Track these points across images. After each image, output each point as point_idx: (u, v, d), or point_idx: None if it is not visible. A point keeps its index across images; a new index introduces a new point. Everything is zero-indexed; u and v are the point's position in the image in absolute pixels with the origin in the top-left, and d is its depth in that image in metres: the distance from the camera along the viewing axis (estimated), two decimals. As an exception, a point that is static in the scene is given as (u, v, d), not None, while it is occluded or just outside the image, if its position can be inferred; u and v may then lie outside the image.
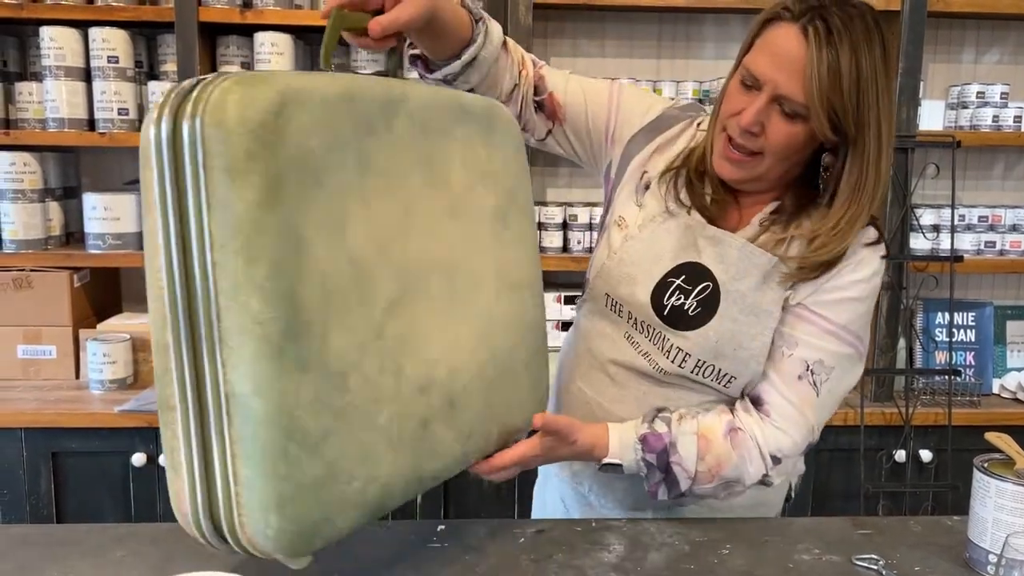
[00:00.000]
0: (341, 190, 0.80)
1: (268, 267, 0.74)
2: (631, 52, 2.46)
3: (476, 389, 0.96)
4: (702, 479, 1.11)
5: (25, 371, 2.35)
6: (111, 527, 1.07)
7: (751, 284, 1.11)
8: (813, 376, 1.11)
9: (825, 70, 0.99)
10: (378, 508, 0.86)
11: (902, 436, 2.21)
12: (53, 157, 2.42)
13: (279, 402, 0.75)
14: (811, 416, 1.13)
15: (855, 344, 1.13)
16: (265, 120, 0.73)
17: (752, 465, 1.11)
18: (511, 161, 1.04)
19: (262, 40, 2.28)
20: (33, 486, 2.12)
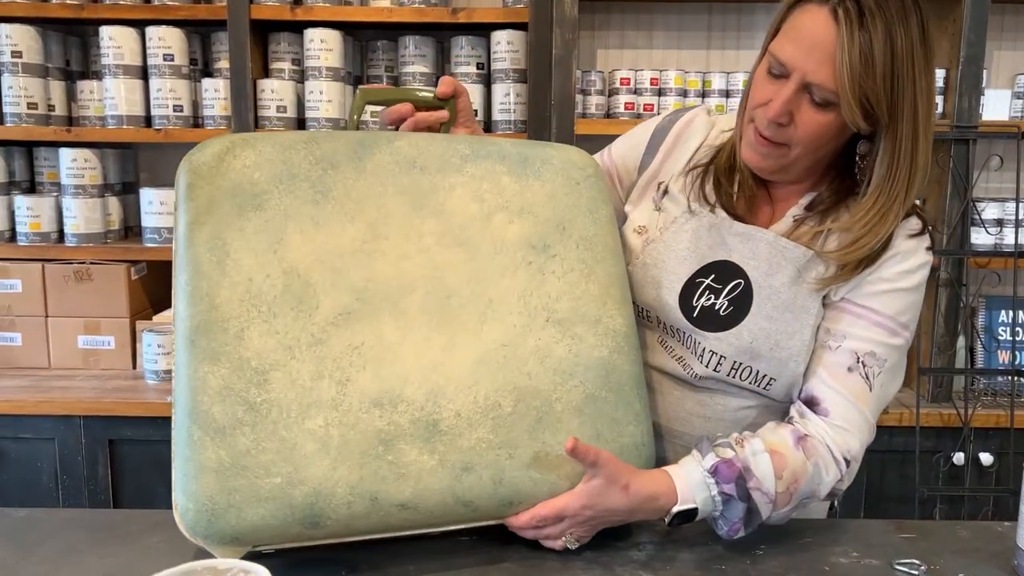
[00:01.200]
0: (285, 212, 0.94)
1: (191, 272, 0.91)
2: (680, 43, 2.43)
3: (480, 421, 0.94)
4: (781, 502, 1.01)
5: (86, 361, 2.42)
6: (151, 513, 1.10)
7: (785, 280, 1.08)
8: (865, 368, 1.06)
9: (857, 54, 0.94)
10: (311, 515, 0.87)
11: (961, 438, 2.14)
12: (112, 153, 2.50)
13: (187, 387, 0.87)
14: (868, 412, 1.07)
15: (904, 335, 1.08)
16: (206, 160, 0.94)
17: (828, 472, 1.04)
18: (561, 195, 1.05)
19: (311, 36, 2.31)
20: (91, 472, 2.19)
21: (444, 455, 0.92)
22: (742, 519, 0.99)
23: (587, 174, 1.08)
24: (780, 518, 1.04)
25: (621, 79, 2.26)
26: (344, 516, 0.89)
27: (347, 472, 0.89)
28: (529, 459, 0.96)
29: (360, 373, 0.92)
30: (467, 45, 2.36)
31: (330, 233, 0.95)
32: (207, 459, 0.86)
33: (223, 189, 0.93)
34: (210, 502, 0.85)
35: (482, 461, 0.94)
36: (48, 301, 2.40)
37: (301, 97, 2.37)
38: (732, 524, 1.00)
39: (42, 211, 2.40)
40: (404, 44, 2.39)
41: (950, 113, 2.17)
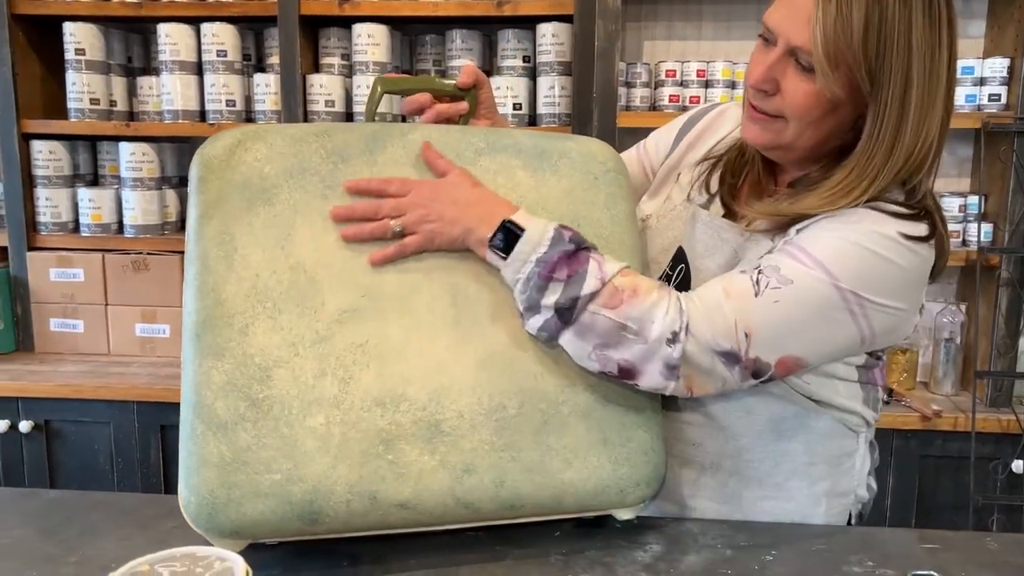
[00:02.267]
0: (294, 207, 0.94)
1: (199, 266, 0.91)
2: (728, 34, 2.37)
3: (483, 422, 0.94)
4: (609, 296, 0.92)
5: (143, 348, 2.51)
6: (170, 498, 1.13)
7: (720, 261, 1.04)
8: (758, 275, 0.94)
9: (833, 12, 0.89)
10: (310, 511, 0.88)
11: (1020, 445, 2.04)
12: (169, 147, 2.57)
13: (192, 382, 0.89)
14: (736, 311, 0.93)
15: (832, 276, 0.93)
16: (217, 153, 0.94)
17: (664, 317, 0.92)
18: (579, 190, 1.03)
19: (359, 31, 2.33)
20: (144, 456, 2.27)
21: (445, 456, 0.92)
22: (551, 269, 0.92)
23: (607, 168, 1.06)
24: (600, 325, 0.92)
25: (666, 71, 2.23)
26: (343, 514, 0.89)
27: (346, 470, 0.89)
28: (533, 462, 0.95)
29: (363, 372, 0.92)
30: (513, 38, 2.35)
31: (338, 229, 0.95)
32: (209, 453, 0.87)
33: (233, 183, 0.93)
34: (211, 496, 0.86)
35: (484, 463, 0.93)
36: (108, 290, 2.49)
37: (349, 91, 2.40)
38: (536, 271, 0.92)
39: (103, 203, 2.49)
40: (451, 38, 2.40)
41: (1014, 104, 2.07)
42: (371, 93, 1.06)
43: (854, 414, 1.09)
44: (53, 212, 2.50)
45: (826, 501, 1.11)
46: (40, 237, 2.50)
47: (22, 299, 2.50)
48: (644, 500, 1.00)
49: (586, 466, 0.96)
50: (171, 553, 0.68)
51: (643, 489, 0.99)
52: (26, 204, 2.47)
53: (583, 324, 0.93)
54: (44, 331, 2.51)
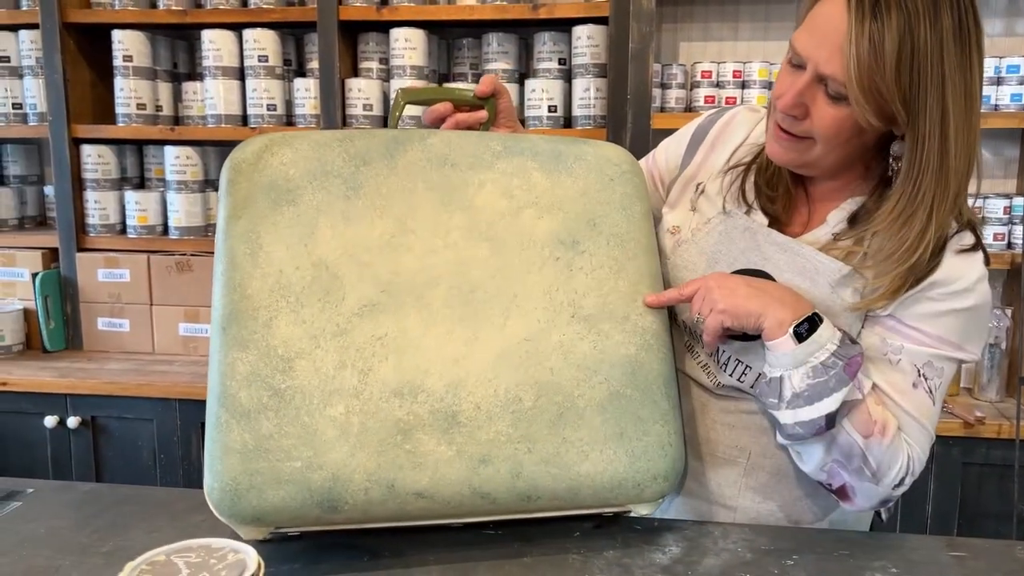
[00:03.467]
0: (316, 207, 0.98)
1: (226, 263, 0.95)
2: (766, 35, 2.34)
3: (499, 414, 0.95)
4: (861, 423, 0.97)
5: (185, 347, 2.57)
6: (201, 492, 1.16)
7: (818, 295, 1.03)
8: (927, 382, 1.02)
9: (866, 45, 0.88)
10: (329, 499, 0.89)
11: (1068, 454, 1.98)
12: (212, 151, 2.63)
13: (217, 372, 0.92)
14: (930, 426, 1.03)
15: (961, 355, 1.03)
16: (246, 157, 0.99)
17: (899, 468, 1.00)
18: (594, 191, 1.05)
19: (396, 36, 2.36)
20: (185, 452, 2.32)
21: (462, 446, 0.93)
22: (854, 364, 0.94)
23: (622, 170, 1.07)
24: (852, 446, 0.97)
25: (702, 72, 2.21)
26: (361, 502, 0.91)
27: (365, 459, 0.91)
28: (549, 454, 0.95)
29: (382, 363, 0.94)
30: (549, 41, 2.36)
31: (359, 227, 0.98)
32: (232, 441, 0.90)
33: (260, 185, 0.98)
34: (233, 482, 0.89)
35: (500, 454, 0.94)
36: (153, 290, 2.55)
37: (387, 95, 2.43)
38: (843, 364, 0.94)
39: (149, 205, 2.56)
40: (487, 41, 2.41)
41: (1060, 104, 2.02)
42: (394, 104, 1.10)
43: None
44: (101, 214, 2.57)
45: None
46: (89, 239, 2.57)
47: (72, 299, 2.58)
48: (662, 495, 1.00)
49: (602, 459, 0.96)
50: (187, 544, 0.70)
51: (661, 483, 0.99)
52: (75, 206, 2.55)
53: (832, 435, 0.98)
54: (92, 330, 2.58)
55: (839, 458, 1.00)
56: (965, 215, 1.01)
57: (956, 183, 0.95)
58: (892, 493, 1.01)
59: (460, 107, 1.12)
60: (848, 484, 1.02)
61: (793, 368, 0.96)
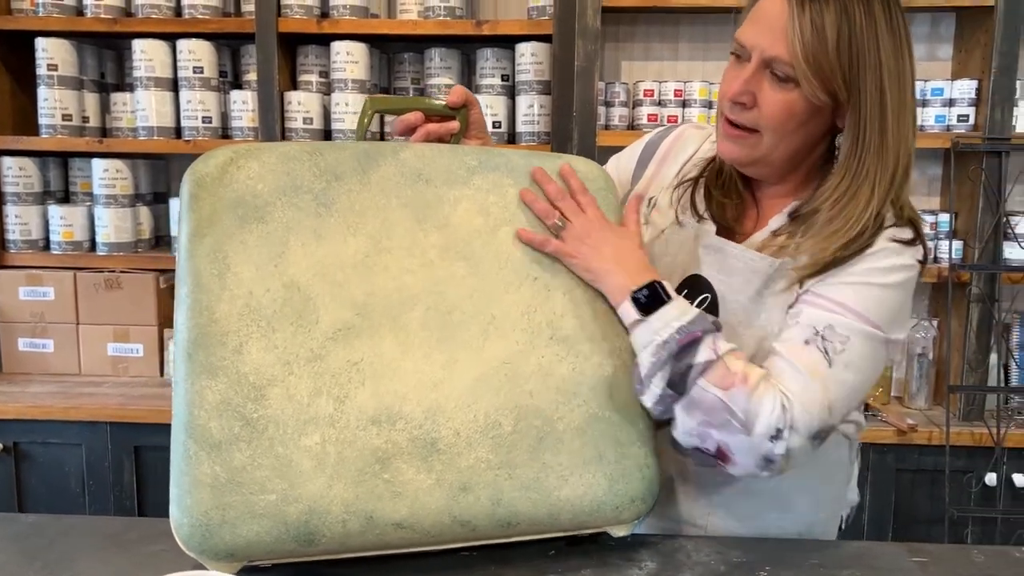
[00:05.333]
0: (286, 225, 0.93)
1: (191, 284, 0.90)
2: (706, 55, 2.40)
3: (479, 440, 0.93)
4: (720, 375, 0.95)
5: (114, 368, 2.47)
6: (155, 522, 1.10)
7: (750, 292, 1.06)
8: (824, 342, 0.99)
9: (808, 24, 0.95)
10: (306, 531, 0.87)
11: (993, 458, 2.08)
12: (144, 164, 2.54)
13: (184, 401, 0.87)
14: (823, 391, 0.97)
15: (876, 328, 1.00)
16: (210, 171, 0.93)
17: (770, 415, 0.95)
18: None
19: (338, 49, 2.33)
20: (117, 478, 2.23)
21: (441, 474, 0.92)
22: (689, 337, 0.95)
23: (597, 187, 1.06)
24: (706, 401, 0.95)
25: (645, 91, 2.25)
26: (339, 534, 0.88)
27: (342, 490, 0.88)
28: (529, 480, 0.94)
29: (359, 390, 0.91)
30: (492, 57, 2.37)
31: (332, 246, 0.94)
32: (202, 474, 0.86)
33: (225, 200, 0.92)
34: (204, 517, 0.85)
35: (480, 481, 0.93)
36: (79, 309, 2.45)
37: (327, 109, 2.40)
38: (676, 338, 0.95)
39: (75, 220, 2.46)
40: (429, 56, 2.41)
41: (981, 125, 2.12)
42: (362, 113, 1.07)
43: (850, 423, 1.13)
44: (23, 229, 2.45)
45: (827, 508, 1.15)
46: (9, 255, 2.45)
47: (-10, 318, 2.45)
48: (639, 516, 1.00)
49: (582, 483, 0.96)
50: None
51: (638, 505, 0.99)
52: (-5, 221, 2.43)
53: (692, 398, 0.96)
54: (12, 351, 2.46)
55: (703, 417, 0.96)
56: (906, 212, 1.04)
57: (894, 162, 1.00)
58: (771, 448, 0.96)
59: (430, 117, 1.10)
60: (721, 443, 0.98)
61: (643, 348, 0.98)
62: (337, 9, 2.31)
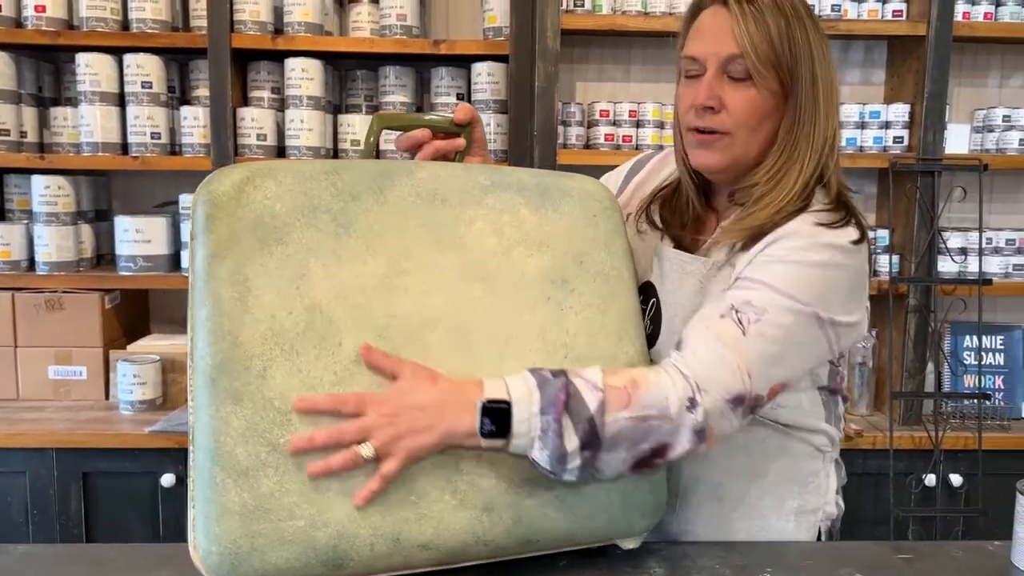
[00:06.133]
0: (307, 247, 0.92)
1: (212, 308, 0.88)
2: (656, 76, 2.48)
3: (501, 460, 0.94)
4: (616, 399, 0.92)
5: (56, 392, 2.37)
6: (151, 547, 1.09)
7: (688, 292, 1.12)
8: (738, 315, 0.99)
9: (751, 22, 1.05)
10: (334, 557, 0.87)
11: (932, 460, 2.20)
12: (85, 180, 2.46)
13: (208, 428, 0.86)
14: (736, 355, 0.97)
15: (796, 300, 1.00)
16: (226, 190, 0.91)
17: (675, 390, 0.94)
18: (579, 228, 1.05)
19: (293, 66, 2.31)
20: (64, 506, 2.14)
21: (465, 495, 0.93)
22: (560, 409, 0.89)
23: (604, 206, 1.08)
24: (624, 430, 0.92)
25: (600, 111, 2.31)
26: (367, 557, 0.89)
27: (370, 513, 0.89)
28: (548, 498, 0.96)
29: None
30: (447, 76, 2.39)
31: (352, 268, 0.94)
32: (230, 502, 0.85)
33: (244, 221, 0.91)
34: (233, 545, 0.84)
35: (502, 501, 0.94)
36: (18, 331, 2.35)
37: (281, 125, 2.38)
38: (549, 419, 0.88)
39: (12, 239, 2.36)
40: (384, 74, 2.41)
41: (916, 146, 2.26)
42: (369, 129, 1.07)
43: (819, 433, 1.17)
44: (-44, 249, 2.34)
45: (795, 519, 1.19)
46: (-59, 275, 2.33)
47: (-80, 342, 2.32)
48: (649, 528, 1.04)
49: (597, 500, 0.99)
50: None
51: (648, 518, 1.03)
52: (-74, 240, 2.31)
53: (609, 438, 0.92)
54: (-55, 376, 2.34)
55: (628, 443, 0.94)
56: (834, 190, 1.10)
57: (822, 142, 1.09)
58: (695, 418, 0.95)
59: (435, 134, 1.11)
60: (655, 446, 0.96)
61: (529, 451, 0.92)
62: (292, 26, 2.30)
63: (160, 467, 2.13)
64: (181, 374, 2.37)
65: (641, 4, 2.25)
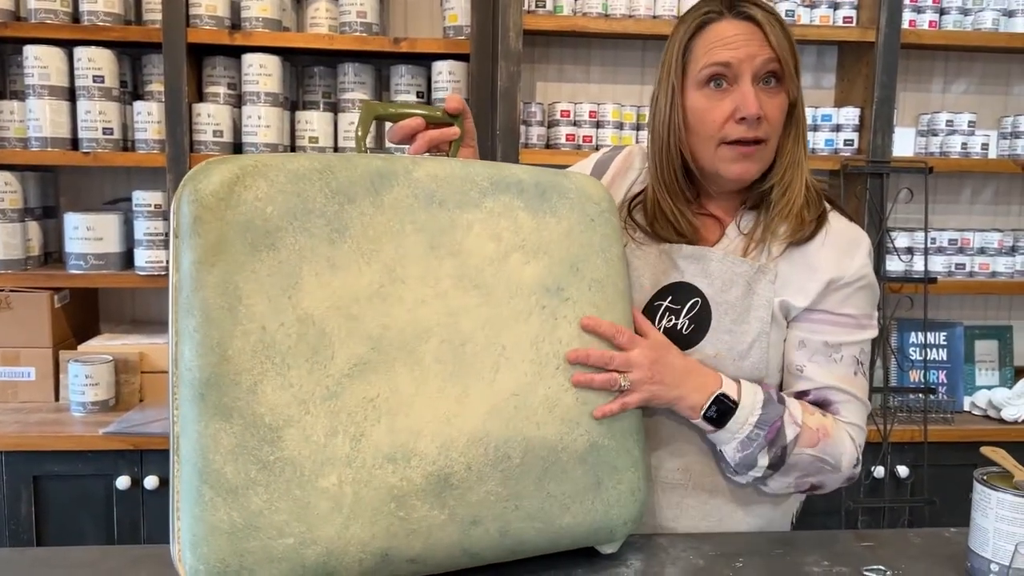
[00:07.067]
0: (299, 253, 0.88)
1: (200, 318, 0.84)
2: (615, 78, 2.52)
3: (490, 473, 0.94)
4: (807, 439, 1.11)
5: (3, 393, 2.31)
6: (127, 549, 1.07)
7: (738, 294, 1.15)
8: (862, 367, 1.18)
9: (777, 28, 1.11)
10: (323, 573, 0.87)
11: (880, 453, 2.27)
12: (33, 176, 2.40)
13: (196, 444, 0.83)
14: (867, 400, 1.19)
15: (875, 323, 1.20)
16: (215, 190, 0.85)
17: (848, 451, 1.14)
18: (576, 232, 1.02)
19: (251, 62, 2.29)
20: (13, 511, 2.08)
21: (454, 509, 0.92)
22: (772, 432, 1.09)
23: (601, 209, 1.05)
24: (804, 462, 1.11)
25: (561, 111, 2.33)
26: (355, 572, 0.89)
27: (359, 530, 0.88)
28: (534, 510, 0.97)
29: (374, 427, 0.89)
30: (407, 74, 2.38)
31: (346, 276, 0.90)
32: (219, 520, 0.83)
33: (233, 225, 0.85)
34: (221, 564, 0.83)
35: (490, 514, 0.95)
36: (-38, 331, 2.27)
37: (237, 122, 2.35)
38: (760, 433, 1.08)
39: (-44, 236, 2.28)
40: (343, 71, 2.40)
41: (865, 149, 2.33)
42: (360, 119, 1.03)
43: None
44: None
45: (784, 504, 1.25)
46: None
47: None
48: (628, 534, 1.06)
49: (582, 510, 1.00)
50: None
51: (629, 526, 1.05)
52: None
53: (789, 465, 1.12)
54: None
55: (800, 473, 1.13)
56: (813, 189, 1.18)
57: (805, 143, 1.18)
58: (854, 472, 1.17)
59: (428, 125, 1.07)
60: (815, 483, 1.16)
61: (724, 445, 1.12)
62: (249, 21, 2.27)
63: (115, 469, 2.09)
64: (133, 374, 2.33)
65: (602, 6, 2.28)
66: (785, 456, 1.10)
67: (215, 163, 0.88)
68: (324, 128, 2.36)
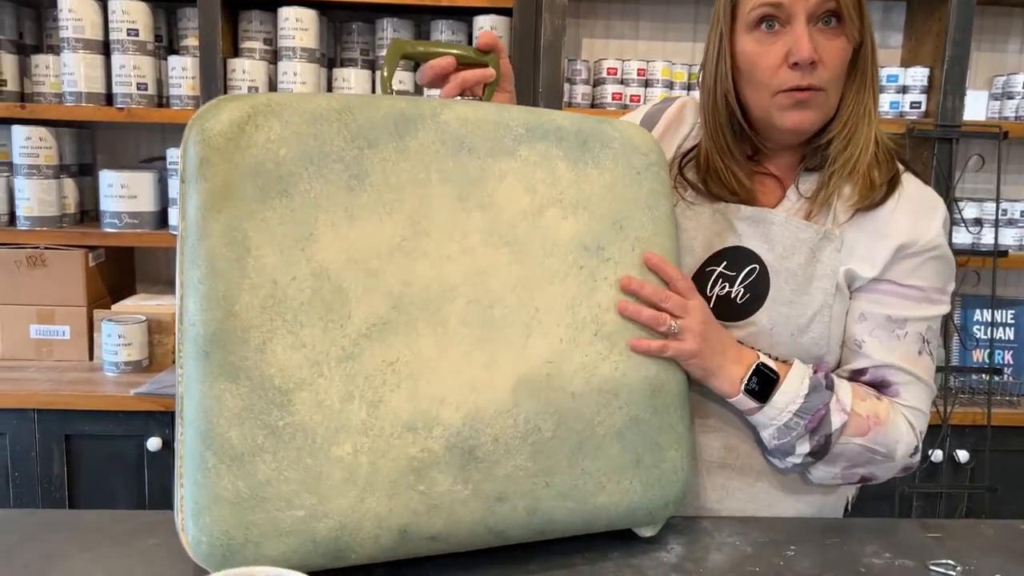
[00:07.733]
0: (315, 201, 0.81)
1: (205, 269, 0.77)
2: (665, 35, 2.39)
3: (518, 447, 0.87)
4: (856, 426, 1.02)
5: (38, 351, 2.30)
6: (139, 514, 1.02)
7: (801, 261, 1.05)
8: (928, 345, 1.08)
9: None
10: (335, 549, 0.80)
11: (939, 436, 2.15)
12: (69, 132, 2.37)
13: (200, 407, 0.77)
14: (931, 381, 1.09)
15: (947, 299, 1.09)
16: (224, 129, 0.78)
17: (904, 436, 1.04)
18: (621, 186, 0.93)
19: (287, 15, 2.22)
20: (46, 470, 2.07)
21: (479, 484, 0.85)
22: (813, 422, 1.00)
23: (649, 161, 0.96)
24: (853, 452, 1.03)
25: (608, 69, 2.22)
26: (371, 549, 0.82)
27: (375, 504, 0.81)
28: (567, 488, 0.89)
29: (393, 393, 0.82)
30: (447, 29, 2.29)
31: (366, 228, 0.82)
32: (223, 489, 0.77)
33: (243, 168, 0.78)
34: (225, 536, 0.77)
35: (517, 491, 0.87)
36: (-2, 287, 2.26)
37: (273, 78, 2.28)
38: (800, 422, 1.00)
39: (-8, 192, 2.27)
40: (381, 26, 2.31)
41: (933, 112, 2.18)
42: (387, 58, 0.95)
43: None
44: (-67, 201, 2.25)
45: (837, 491, 1.15)
46: (-83, 229, 2.24)
47: None
48: (669, 517, 0.98)
49: (619, 489, 0.92)
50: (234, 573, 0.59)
51: (670, 508, 0.96)
52: (-99, 191, 2.22)
53: (834, 454, 1.03)
54: (-78, 333, 2.26)
55: (848, 463, 1.04)
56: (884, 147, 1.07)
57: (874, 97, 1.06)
58: (911, 461, 1.07)
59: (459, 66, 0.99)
60: (866, 474, 1.07)
61: (763, 429, 1.04)
62: (286, -27, 2.20)
63: (146, 430, 2.06)
64: (168, 335, 2.29)
65: (653, -43, 2.16)
66: (829, 445, 1.02)
67: (226, 100, 0.81)
68: (362, 86, 2.28)
